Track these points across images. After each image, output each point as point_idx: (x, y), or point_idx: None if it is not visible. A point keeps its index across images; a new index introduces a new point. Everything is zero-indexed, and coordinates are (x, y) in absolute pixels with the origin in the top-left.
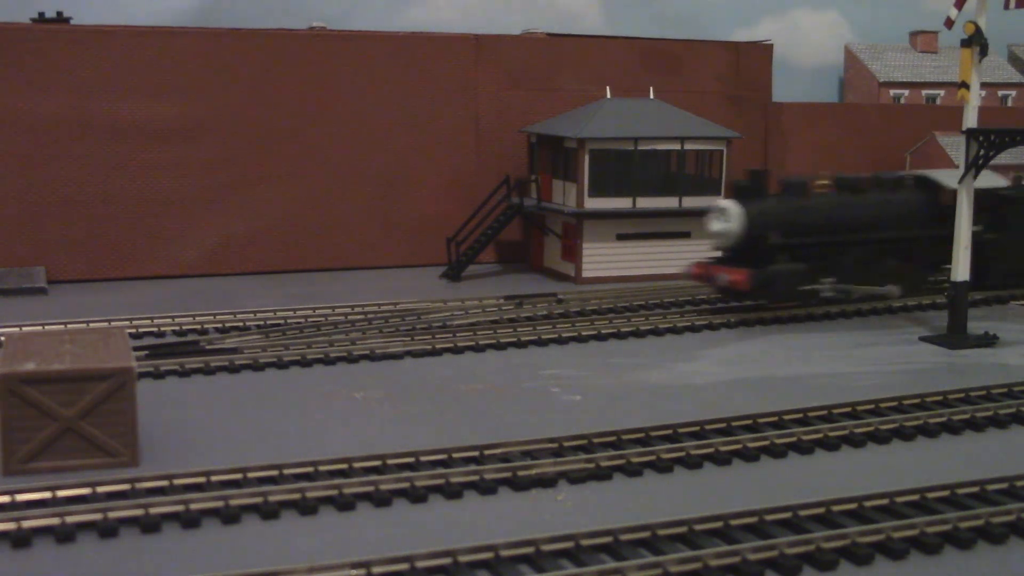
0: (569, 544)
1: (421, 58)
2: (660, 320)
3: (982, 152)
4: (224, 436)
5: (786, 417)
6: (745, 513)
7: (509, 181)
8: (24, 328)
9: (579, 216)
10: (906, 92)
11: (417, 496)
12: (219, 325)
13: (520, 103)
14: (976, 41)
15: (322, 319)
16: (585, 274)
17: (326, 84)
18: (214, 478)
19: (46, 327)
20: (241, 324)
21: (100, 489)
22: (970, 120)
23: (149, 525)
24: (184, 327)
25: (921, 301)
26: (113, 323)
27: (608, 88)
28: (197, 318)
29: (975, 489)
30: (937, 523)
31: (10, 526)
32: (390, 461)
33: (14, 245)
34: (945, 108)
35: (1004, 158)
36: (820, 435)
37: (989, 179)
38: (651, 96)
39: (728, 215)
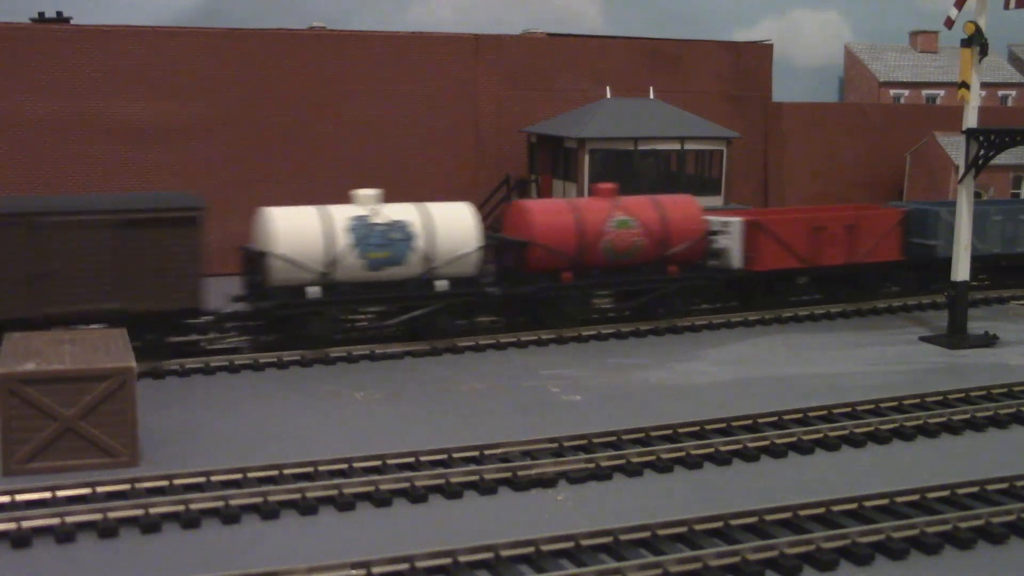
0: (569, 544)
1: (421, 58)
2: (660, 320)
3: (982, 152)
4: (224, 436)
5: (786, 417)
6: (745, 513)
7: (509, 181)
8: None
9: None
10: (906, 92)
11: (417, 496)
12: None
13: (520, 103)
14: (976, 41)
15: None
16: None
17: (326, 84)
18: (214, 478)
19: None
20: (242, 324)
21: (100, 489)
22: (970, 120)
23: (149, 525)
24: None
25: (921, 301)
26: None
27: (608, 88)
28: None
29: (975, 489)
30: (937, 523)
31: (10, 526)
32: (390, 461)
33: None
34: (945, 108)
35: (1004, 158)
36: (820, 435)
37: None
38: (651, 96)
39: None
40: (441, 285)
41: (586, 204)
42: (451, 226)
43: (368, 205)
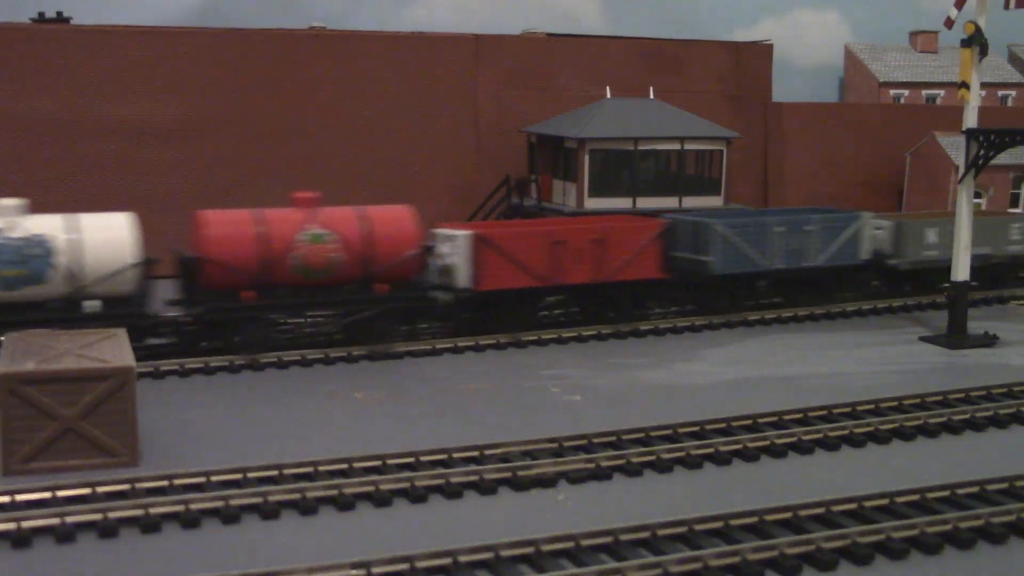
0: (569, 544)
1: (421, 58)
2: (660, 320)
3: (982, 152)
4: (224, 436)
5: (786, 417)
6: (745, 513)
7: (509, 181)
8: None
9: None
10: (906, 92)
11: (417, 496)
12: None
13: (520, 103)
14: (976, 41)
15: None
16: None
17: (326, 84)
18: (214, 478)
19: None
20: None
21: (100, 489)
22: (970, 120)
23: (149, 525)
24: None
25: (921, 301)
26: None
27: (608, 88)
28: None
29: (975, 489)
30: (937, 523)
31: (10, 526)
32: (390, 461)
33: None
34: (945, 108)
35: (1004, 158)
36: (820, 435)
37: None
38: (651, 96)
39: None
40: (92, 306)
41: (275, 216)
42: (102, 240)
43: (5, 217)
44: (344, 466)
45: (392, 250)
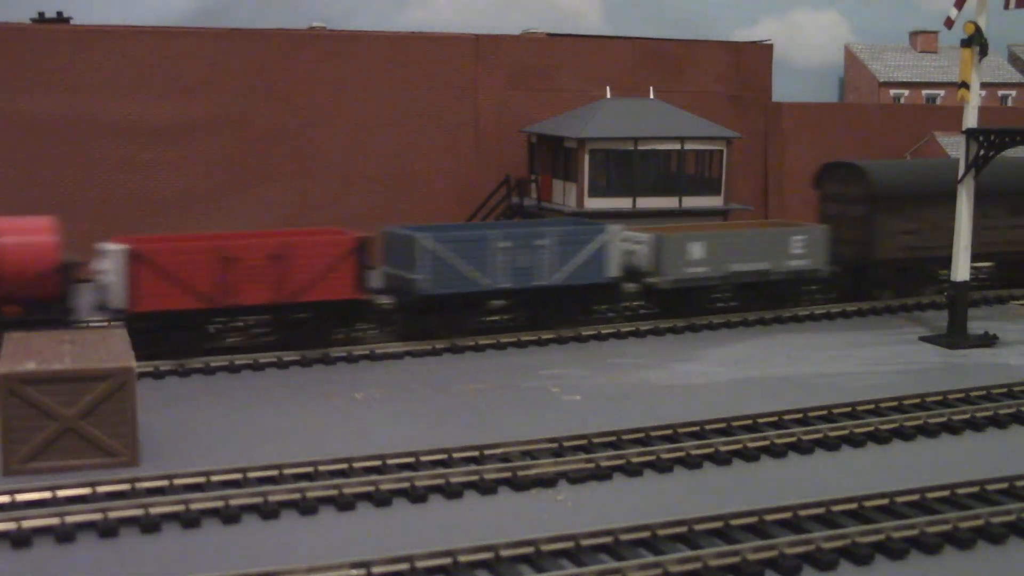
0: (569, 544)
1: (421, 58)
2: (660, 320)
3: (982, 152)
4: (224, 436)
5: (786, 417)
6: (745, 513)
7: (509, 181)
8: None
9: (579, 216)
10: (906, 92)
11: (417, 496)
12: (219, 325)
13: (520, 103)
14: (976, 41)
15: None
16: None
17: (326, 84)
18: (214, 478)
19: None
20: (241, 324)
21: (100, 489)
22: (970, 120)
23: (149, 525)
24: None
25: (921, 301)
26: (113, 323)
27: (608, 88)
28: None
29: (975, 489)
30: (937, 523)
31: (10, 526)
32: (390, 461)
33: None
34: (945, 108)
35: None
36: (820, 435)
37: None
38: (651, 96)
39: None
40: None
41: None
42: None
43: None
44: (344, 466)
45: (21, 267)
